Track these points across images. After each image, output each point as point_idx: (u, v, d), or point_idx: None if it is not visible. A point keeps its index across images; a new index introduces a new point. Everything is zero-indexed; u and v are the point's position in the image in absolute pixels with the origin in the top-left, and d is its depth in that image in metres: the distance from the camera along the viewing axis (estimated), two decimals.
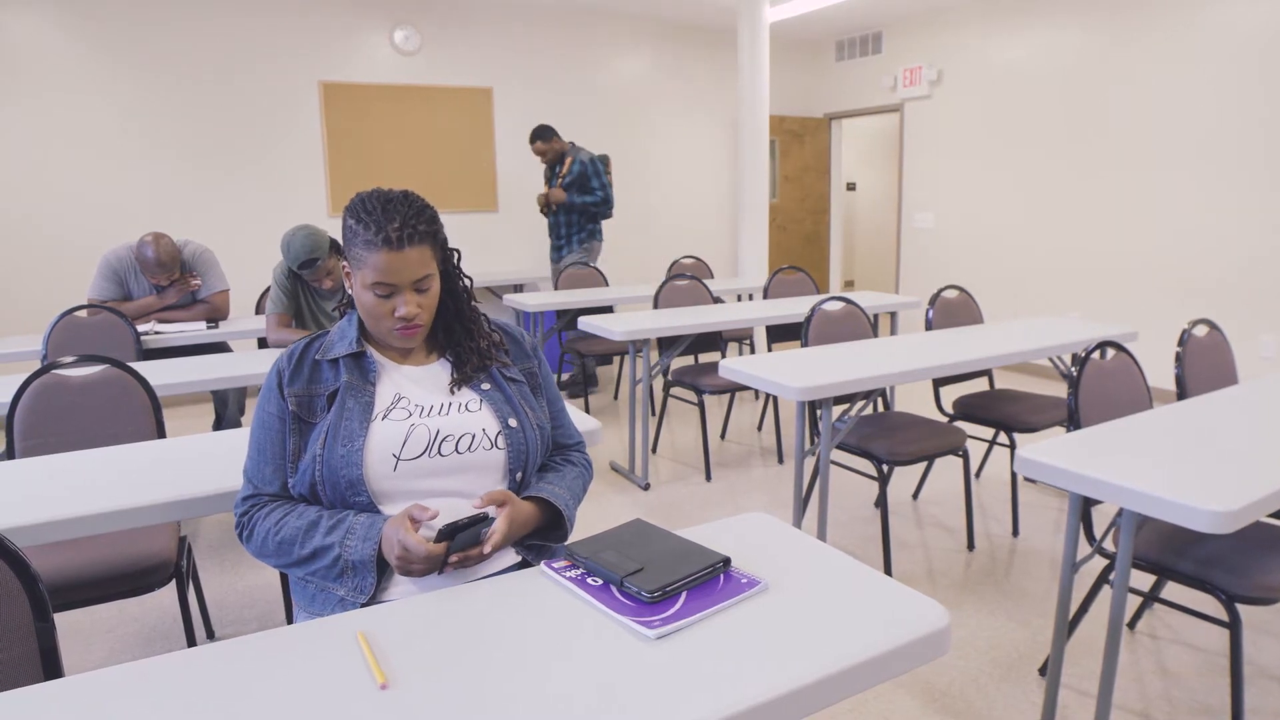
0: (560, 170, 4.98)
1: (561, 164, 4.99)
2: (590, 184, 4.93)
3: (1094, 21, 5.10)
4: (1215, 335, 2.59)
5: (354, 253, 1.30)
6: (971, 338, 3.08)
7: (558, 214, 5.04)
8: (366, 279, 1.29)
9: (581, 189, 4.95)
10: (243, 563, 2.94)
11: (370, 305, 1.31)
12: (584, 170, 4.91)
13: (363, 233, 1.28)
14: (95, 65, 4.72)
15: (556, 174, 5.01)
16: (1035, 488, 3.57)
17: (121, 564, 1.84)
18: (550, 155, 5.06)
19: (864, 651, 0.98)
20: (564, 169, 4.94)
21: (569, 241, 5.11)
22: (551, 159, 5.08)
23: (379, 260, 1.27)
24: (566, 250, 5.12)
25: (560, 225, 5.09)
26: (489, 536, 1.21)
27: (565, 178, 4.92)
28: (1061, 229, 5.46)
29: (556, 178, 5.01)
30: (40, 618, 1.13)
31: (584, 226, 5.08)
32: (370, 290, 1.29)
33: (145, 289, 3.65)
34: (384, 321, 1.32)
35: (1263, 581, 1.72)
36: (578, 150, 4.99)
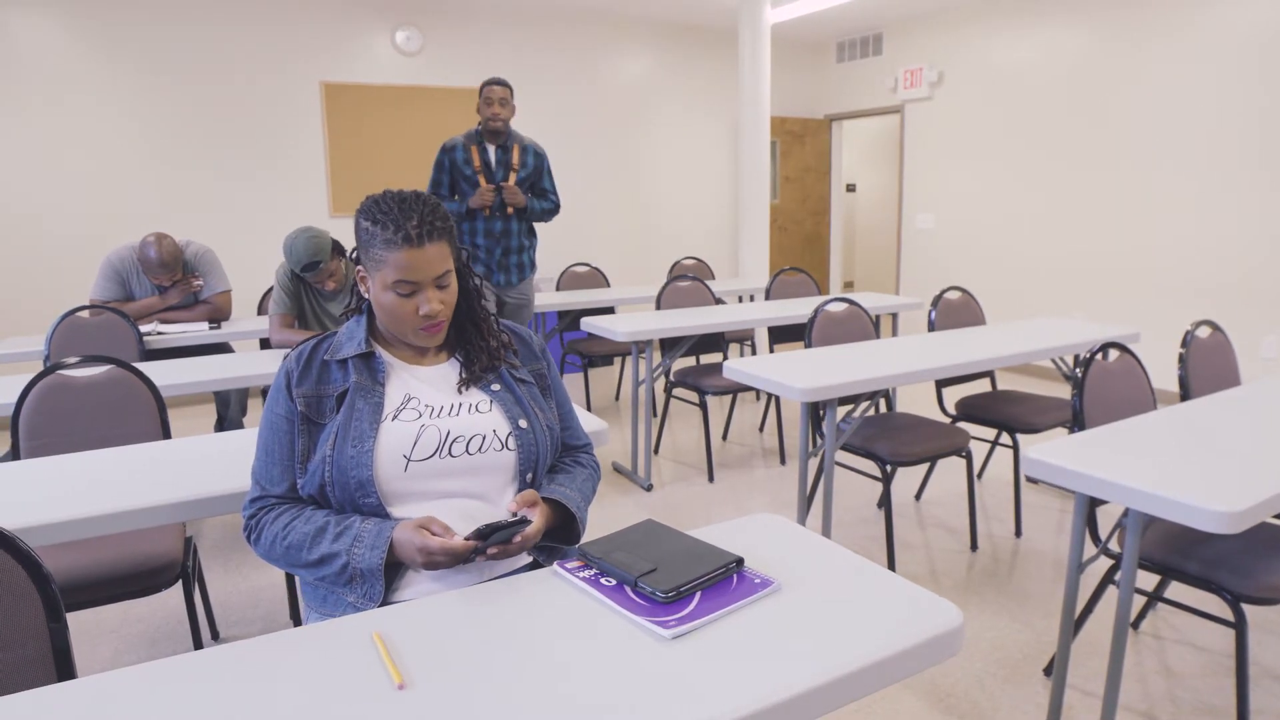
0: (510, 160, 3.72)
1: (506, 149, 3.71)
2: (543, 183, 3.84)
3: (1095, 23, 5.11)
4: (1218, 336, 2.59)
5: (372, 254, 1.30)
6: (974, 339, 3.09)
7: (510, 221, 3.77)
8: (387, 279, 1.29)
9: (533, 189, 3.84)
10: (246, 563, 2.94)
11: (392, 305, 1.31)
12: (540, 165, 3.81)
13: (381, 233, 1.28)
14: (97, 66, 4.72)
15: (500, 162, 3.71)
16: (1037, 488, 3.58)
17: (128, 564, 1.84)
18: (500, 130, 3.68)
19: (879, 651, 0.98)
20: (515, 158, 3.71)
21: (521, 261, 3.86)
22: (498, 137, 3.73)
23: (400, 258, 1.27)
24: (519, 275, 3.87)
25: (513, 235, 3.78)
26: (523, 533, 1.22)
27: (520, 170, 3.73)
28: (1063, 230, 5.47)
29: (501, 167, 3.72)
30: (53, 618, 1.13)
31: (533, 241, 3.93)
32: (392, 290, 1.30)
33: (147, 290, 3.65)
34: (407, 321, 1.32)
35: (1268, 582, 1.73)
36: (521, 136, 3.82)
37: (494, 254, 3.79)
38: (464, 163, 3.65)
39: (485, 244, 3.77)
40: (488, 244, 3.77)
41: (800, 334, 4.22)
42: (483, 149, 3.67)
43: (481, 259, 3.81)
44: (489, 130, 3.65)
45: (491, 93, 3.62)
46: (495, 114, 3.61)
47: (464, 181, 3.68)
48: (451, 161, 3.67)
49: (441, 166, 3.71)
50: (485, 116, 3.62)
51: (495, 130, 3.65)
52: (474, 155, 3.66)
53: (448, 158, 3.67)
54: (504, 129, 3.65)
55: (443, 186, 3.73)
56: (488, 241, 3.77)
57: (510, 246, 3.78)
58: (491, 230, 3.74)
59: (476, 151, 3.66)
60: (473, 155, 3.66)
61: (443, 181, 3.71)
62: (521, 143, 3.74)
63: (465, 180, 3.67)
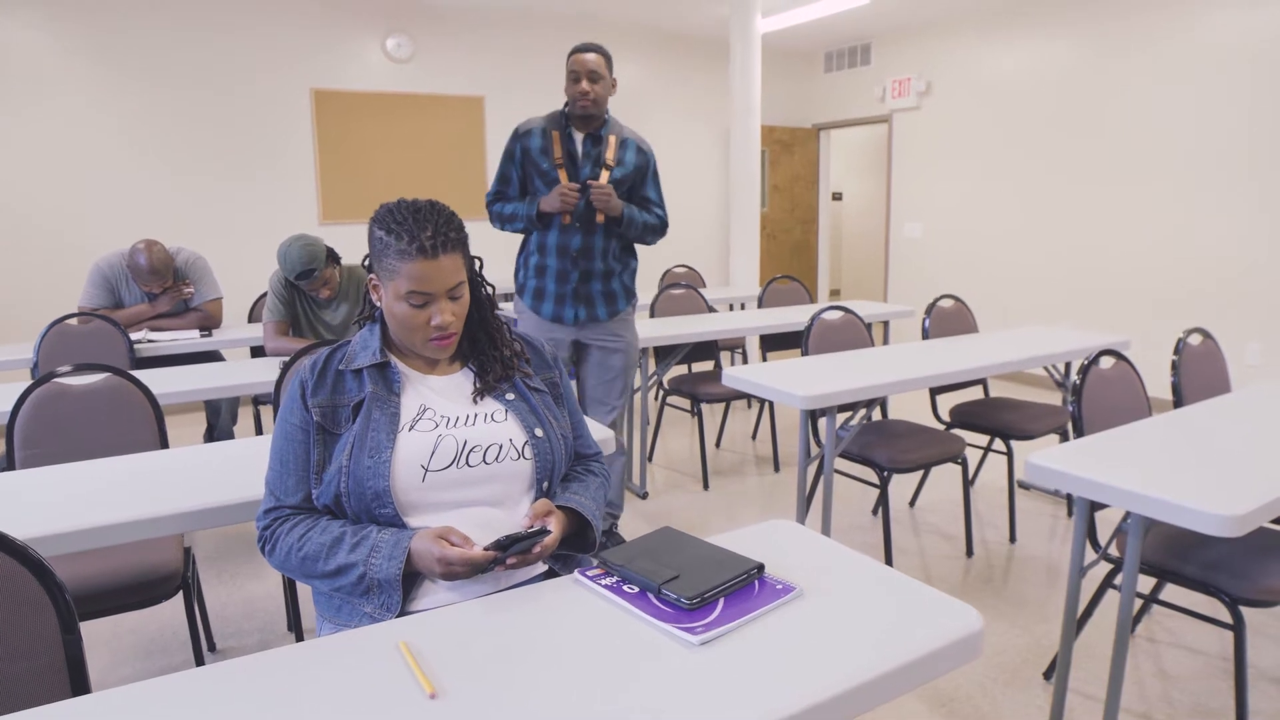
0: (604, 153, 2.76)
1: (599, 139, 2.76)
2: (646, 191, 2.87)
3: (1082, 34, 5.20)
4: (1209, 343, 2.64)
5: (386, 264, 1.29)
6: (969, 347, 3.12)
7: (595, 235, 2.77)
8: (400, 289, 1.29)
9: (632, 194, 2.86)
10: (240, 573, 2.91)
11: (404, 316, 1.30)
12: (645, 166, 2.84)
13: (395, 243, 1.27)
14: (86, 72, 4.68)
15: (587, 155, 2.76)
16: (1030, 494, 3.61)
17: (129, 576, 1.81)
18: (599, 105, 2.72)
19: (904, 656, 0.99)
20: (610, 152, 2.76)
21: (610, 290, 2.87)
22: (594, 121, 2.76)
23: (414, 269, 1.27)
24: (607, 308, 2.87)
25: (596, 254, 2.79)
26: (542, 542, 1.22)
27: (616, 167, 2.77)
28: (1049, 239, 5.54)
29: (590, 161, 2.76)
30: (67, 629, 1.12)
31: (629, 263, 2.94)
32: (404, 300, 1.29)
33: (137, 297, 3.61)
34: (418, 332, 1.32)
35: (1266, 584, 1.75)
36: (622, 125, 2.86)
37: (568, 279, 2.77)
38: (540, 151, 2.72)
39: (556, 265, 2.76)
40: (560, 265, 2.75)
41: (791, 342, 4.25)
42: (568, 135, 2.74)
43: (549, 289, 2.80)
44: (578, 115, 2.72)
45: (579, 63, 2.64)
46: (584, 93, 2.64)
47: (538, 177, 2.75)
48: (524, 150, 2.75)
49: (511, 157, 2.80)
50: (572, 97, 2.68)
51: (586, 116, 2.71)
52: (555, 143, 2.72)
53: (519, 145, 2.76)
54: (598, 113, 2.71)
55: (512, 183, 2.82)
56: (560, 262, 2.75)
57: (593, 269, 2.77)
58: (567, 246, 2.74)
59: (559, 138, 2.72)
60: (553, 143, 2.72)
61: (511, 177, 2.81)
62: (620, 133, 2.80)
63: (540, 175, 2.75)
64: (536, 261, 2.83)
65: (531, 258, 2.85)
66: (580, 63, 2.66)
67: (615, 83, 2.76)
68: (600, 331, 2.88)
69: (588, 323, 2.86)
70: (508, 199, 2.85)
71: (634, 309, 2.99)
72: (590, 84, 2.66)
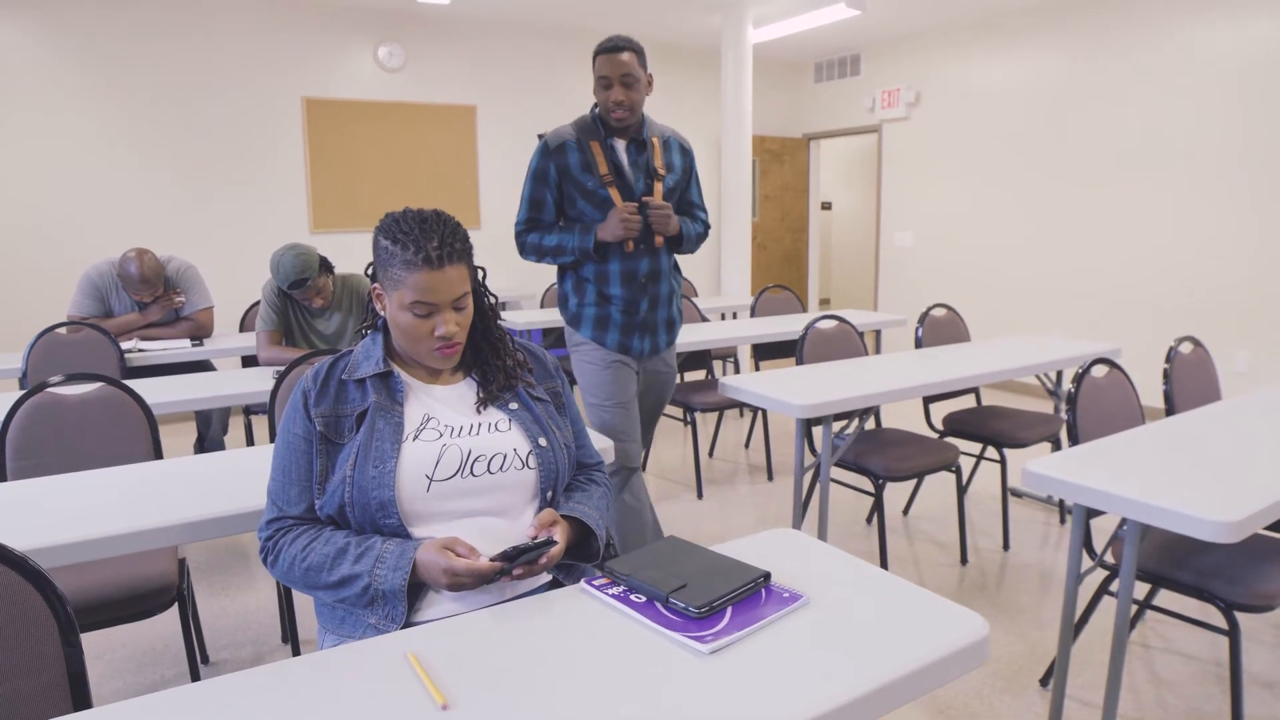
0: (650, 160, 2.40)
1: (642, 144, 2.40)
2: (691, 195, 2.58)
3: (1068, 45, 5.26)
4: (1200, 352, 2.67)
5: (391, 273, 1.29)
6: (962, 355, 3.14)
7: (659, 256, 2.46)
8: (405, 299, 1.29)
9: (680, 201, 2.56)
10: (232, 585, 2.89)
11: (408, 325, 1.30)
12: (690, 167, 2.53)
13: (401, 253, 1.27)
14: (77, 80, 4.65)
15: (635, 165, 2.39)
16: (1021, 502, 3.63)
17: (123, 588, 1.79)
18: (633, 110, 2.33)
19: (912, 662, 0.99)
20: (657, 158, 2.41)
21: (671, 315, 2.56)
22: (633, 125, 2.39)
23: (419, 280, 1.27)
24: (670, 334, 2.58)
25: (663, 277, 2.49)
26: (549, 553, 1.22)
27: (667, 175, 2.44)
28: (1039, 248, 5.59)
29: (640, 172, 2.39)
30: (68, 641, 1.11)
31: (680, 282, 2.65)
32: (409, 310, 1.29)
33: (127, 305, 3.58)
34: (423, 342, 1.32)
35: (1260, 590, 1.77)
36: (655, 123, 2.51)
37: (637, 309, 2.43)
38: (582, 168, 2.32)
39: (624, 295, 2.40)
40: (628, 294, 2.40)
41: (783, 351, 4.26)
42: (608, 145, 2.35)
43: (615, 318, 2.42)
44: (613, 128, 2.36)
45: (610, 65, 2.24)
46: (619, 102, 2.27)
47: (582, 197, 2.34)
48: (561, 169, 2.33)
49: (543, 178, 2.36)
50: (604, 107, 2.31)
51: (625, 124, 2.35)
52: (598, 156, 2.33)
53: (553, 164, 2.33)
54: (632, 119, 2.33)
55: (546, 209, 2.39)
56: (628, 291, 2.40)
57: (660, 295, 2.46)
58: (634, 274, 2.39)
59: (600, 151, 2.33)
60: (595, 156, 2.32)
61: (546, 201, 2.38)
62: (661, 133, 2.44)
63: (585, 195, 2.33)
64: (597, 290, 2.43)
65: (588, 286, 2.44)
66: (611, 65, 2.25)
67: (651, 79, 2.34)
68: (658, 362, 2.59)
69: (652, 354, 2.54)
70: (544, 227, 2.40)
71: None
72: (625, 90, 2.27)
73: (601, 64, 2.27)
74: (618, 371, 2.48)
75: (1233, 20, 4.46)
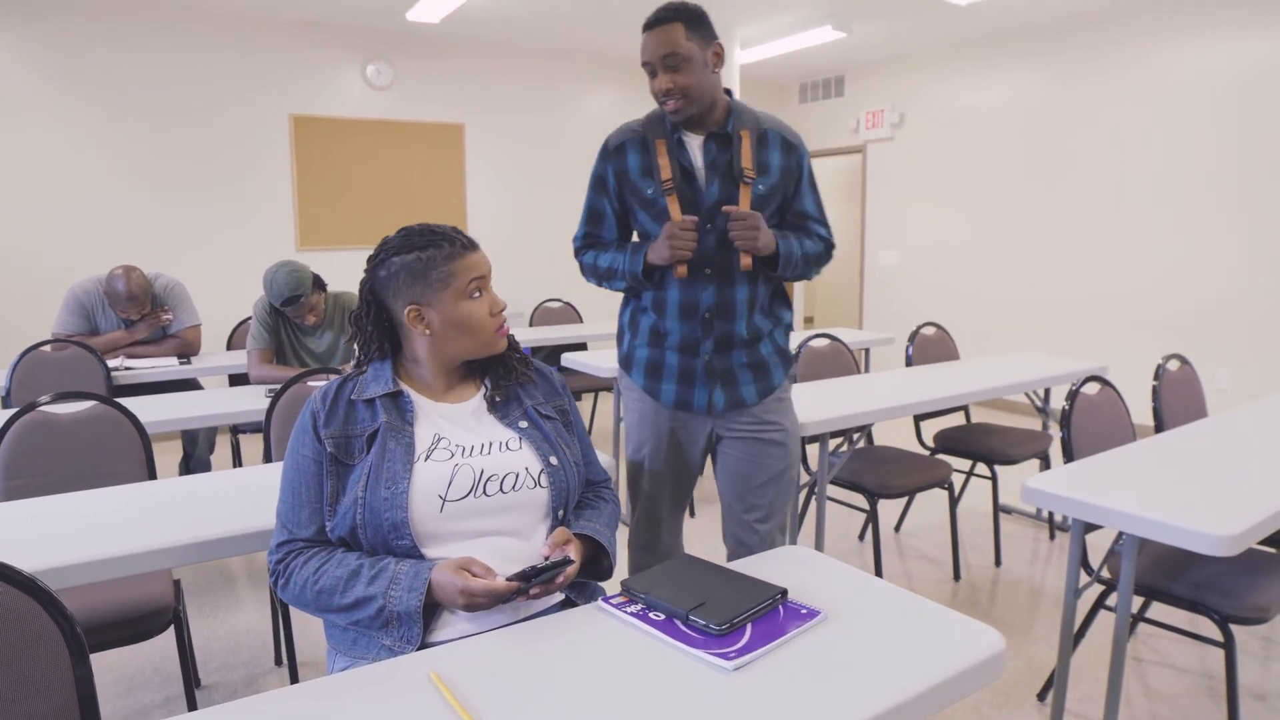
0: (736, 158, 1.83)
1: (725, 139, 1.84)
2: (802, 204, 1.95)
3: (1052, 67, 5.38)
4: (1186, 370, 2.72)
5: (436, 275, 1.33)
6: (953, 373, 3.18)
7: (735, 285, 1.87)
8: (462, 286, 1.34)
9: (783, 211, 1.94)
10: (222, 606, 2.84)
11: (472, 315, 1.35)
12: (798, 168, 1.92)
13: (436, 253, 1.33)
14: (63, 97, 4.61)
15: (712, 166, 1.84)
16: (1011, 518, 3.67)
17: (119, 610, 1.76)
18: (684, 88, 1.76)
19: (931, 678, 1.00)
20: (746, 154, 1.83)
21: (759, 358, 1.93)
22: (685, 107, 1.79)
23: (468, 262, 1.35)
24: (757, 385, 1.93)
25: (738, 311, 1.88)
26: (565, 572, 1.22)
27: (759, 179, 1.84)
28: (1022, 266, 5.68)
29: (717, 175, 1.83)
30: (79, 663, 1.09)
31: (782, 316, 2.01)
32: (468, 297, 1.35)
33: (113, 323, 3.54)
34: (486, 325, 1.37)
35: (1254, 602, 1.80)
36: (756, 111, 1.92)
37: (697, 350, 1.88)
38: (642, 173, 1.85)
39: (682, 331, 1.88)
40: (686, 331, 1.88)
41: None
42: (677, 144, 1.84)
43: (671, 364, 1.90)
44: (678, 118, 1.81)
45: (646, 48, 1.77)
46: (665, 91, 1.76)
47: (642, 210, 1.87)
48: (620, 175, 1.88)
49: (602, 185, 1.93)
50: (656, 99, 1.81)
51: (682, 116, 1.80)
52: (662, 156, 1.83)
53: (611, 168, 1.89)
54: (702, 109, 1.80)
55: (606, 222, 1.95)
56: (686, 327, 1.87)
57: (733, 334, 1.87)
58: (693, 306, 1.85)
59: (665, 150, 1.83)
60: (659, 156, 1.83)
61: (605, 213, 1.94)
62: (756, 125, 1.86)
63: (645, 207, 1.86)
64: (651, 324, 1.92)
65: (643, 317, 1.95)
66: (649, 47, 1.76)
67: (718, 53, 1.79)
68: (747, 420, 1.91)
69: (729, 410, 1.91)
70: (602, 244, 1.95)
71: (793, 382, 2.06)
72: (671, 75, 1.74)
73: (642, 47, 1.79)
74: (674, 435, 1.93)
75: (1210, 44, 4.58)
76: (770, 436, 1.93)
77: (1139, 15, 4.86)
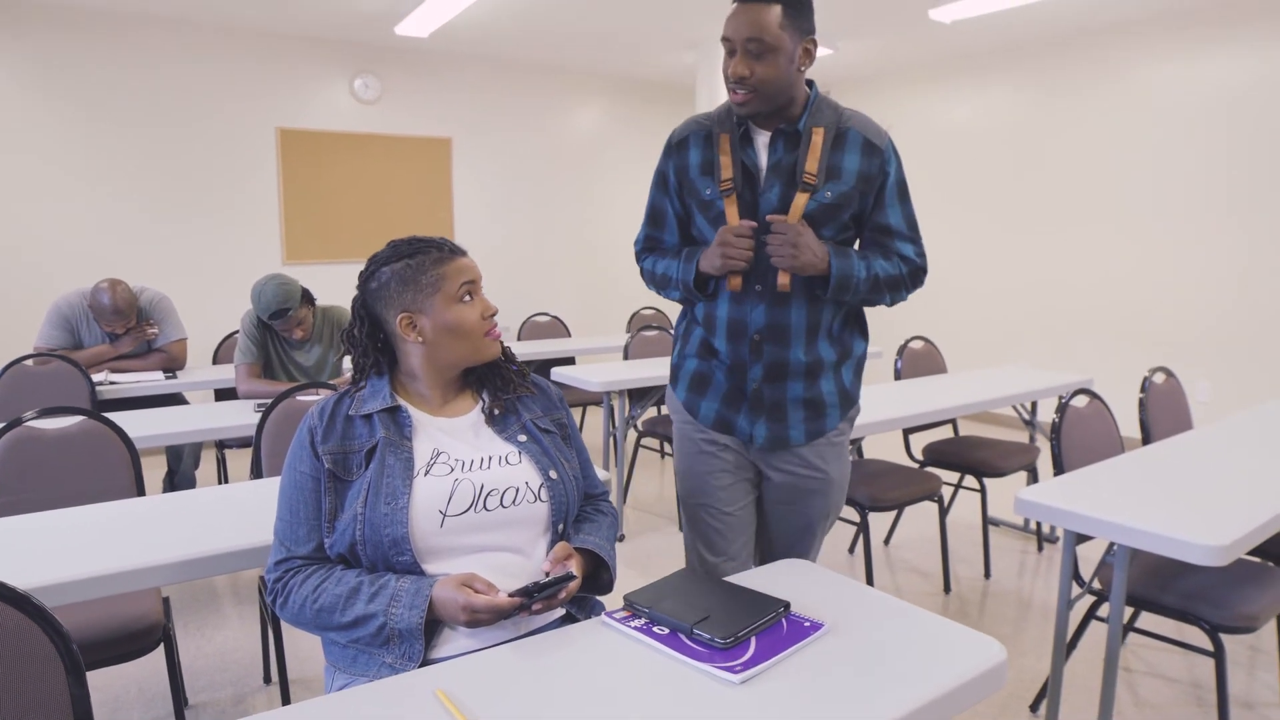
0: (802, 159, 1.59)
1: (794, 136, 1.60)
2: (885, 216, 1.66)
3: (1037, 82, 5.47)
4: (1172, 382, 2.76)
5: (423, 282, 1.33)
6: (942, 387, 3.21)
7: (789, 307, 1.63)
8: (451, 290, 1.35)
9: (859, 230, 1.70)
10: (208, 624, 2.80)
11: (463, 318, 1.35)
12: (881, 172, 1.63)
13: (425, 260, 1.35)
14: (48, 109, 4.58)
15: (776, 168, 1.61)
16: (999, 530, 3.69)
17: (111, 628, 1.74)
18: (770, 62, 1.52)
19: (936, 689, 1.01)
20: (813, 156, 1.58)
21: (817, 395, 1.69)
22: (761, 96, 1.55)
23: (456, 266, 1.36)
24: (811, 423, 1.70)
25: (792, 339, 1.65)
26: (567, 587, 1.21)
27: (826, 185, 1.59)
28: (1006, 280, 5.74)
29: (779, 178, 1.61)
30: (76, 683, 1.07)
31: (853, 348, 1.76)
32: (459, 301, 1.35)
33: (98, 337, 3.51)
34: (477, 330, 1.37)
35: (1243, 611, 1.83)
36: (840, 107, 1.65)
37: (745, 374, 1.67)
38: (701, 171, 1.66)
39: (729, 352, 1.68)
40: (733, 353, 1.68)
41: None
42: (742, 141, 1.63)
43: (718, 381, 1.71)
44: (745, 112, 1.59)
45: (732, 22, 1.52)
46: (739, 78, 1.53)
47: (700, 211, 1.68)
48: (680, 172, 1.70)
49: (664, 183, 1.74)
50: (725, 81, 1.58)
51: (749, 111, 1.58)
52: (724, 154, 1.63)
53: (672, 164, 1.71)
54: (775, 106, 1.57)
55: (667, 224, 1.76)
56: (733, 348, 1.67)
57: (786, 362, 1.65)
58: (740, 327, 1.66)
59: (729, 145, 1.63)
60: (721, 154, 1.63)
61: (666, 214, 1.75)
62: (840, 122, 1.62)
63: (702, 208, 1.67)
64: (702, 336, 1.74)
65: (695, 330, 1.76)
66: (734, 22, 1.52)
67: (809, 50, 1.55)
68: (790, 460, 1.71)
69: (772, 449, 1.71)
70: (663, 248, 1.77)
71: (851, 424, 1.77)
72: (751, 62, 1.52)
73: (727, 19, 1.53)
74: (711, 459, 1.73)
75: (1192, 63, 4.68)
76: (810, 485, 1.73)
77: (1123, 33, 4.96)
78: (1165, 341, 4.90)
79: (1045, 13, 4.77)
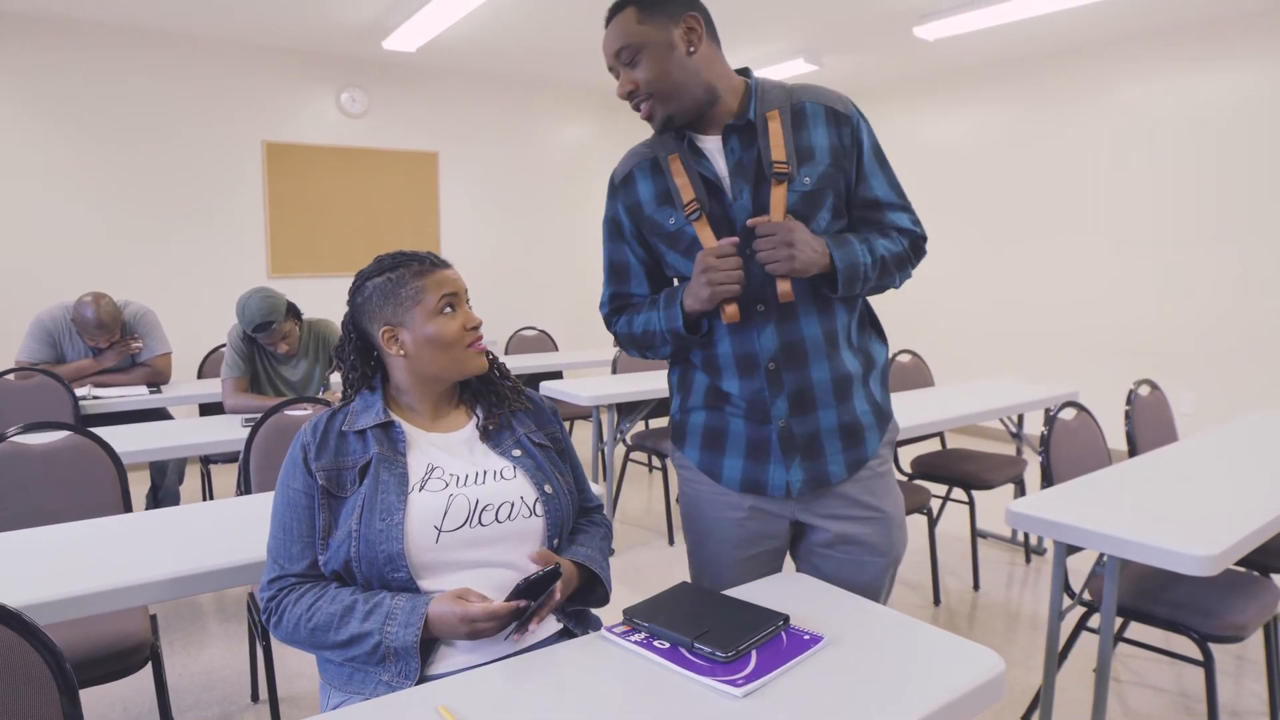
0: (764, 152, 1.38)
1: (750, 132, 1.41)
2: (869, 190, 1.46)
3: (1021, 99, 5.55)
4: (1157, 394, 2.80)
5: (404, 295, 1.34)
6: (930, 400, 3.23)
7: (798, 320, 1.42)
8: (431, 303, 1.34)
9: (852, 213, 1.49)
10: (193, 641, 2.76)
11: (443, 331, 1.34)
12: (852, 143, 1.43)
13: (405, 273, 1.35)
14: (31, 122, 4.54)
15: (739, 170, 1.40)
16: (986, 542, 3.71)
17: (99, 647, 1.71)
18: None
19: (935, 701, 1.01)
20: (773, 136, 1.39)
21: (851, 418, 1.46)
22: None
23: (436, 279, 1.36)
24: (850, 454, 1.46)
25: (809, 357, 1.42)
26: (558, 585, 1.22)
27: (801, 169, 1.39)
28: (991, 293, 5.80)
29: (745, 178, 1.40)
30: (70, 703, 1.05)
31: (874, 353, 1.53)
32: (439, 314, 1.34)
33: (80, 351, 3.47)
34: (458, 342, 1.36)
35: (1231, 621, 1.85)
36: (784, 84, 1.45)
37: (767, 412, 1.45)
38: (658, 202, 1.47)
39: (745, 393, 1.45)
40: (750, 392, 1.45)
41: None
42: (690, 151, 1.44)
43: (737, 431, 1.48)
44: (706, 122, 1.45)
45: (604, 48, 1.43)
46: (628, 93, 1.42)
47: (670, 247, 1.48)
48: (633, 211, 1.51)
49: (617, 232, 1.56)
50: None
51: (661, 118, 1.43)
52: (678, 175, 1.44)
53: (622, 204, 1.53)
54: (688, 107, 1.41)
55: (632, 276, 1.56)
56: (748, 386, 1.45)
57: (809, 385, 1.44)
58: (751, 358, 1.44)
59: (680, 165, 1.45)
60: (675, 175, 1.45)
61: (629, 265, 1.55)
62: (787, 99, 1.43)
63: (671, 242, 1.47)
64: (705, 385, 1.51)
65: (694, 375, 1.53)
66: (605, 47, 1.43)
67: (693, 28, 1.39)
68: (835, 505, 1.47)
69: (813, 493, 1.47)
70: (633, 305, 1.56)
71: (892, 448, 1.55)
72: (628, 72, 1.41)
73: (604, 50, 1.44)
74: (736, 527, 1.50)
75: (1175, 79, 4.77)
76: (864, 530, 1.46)
77: (1107, 49, 5.05)
78: (1149, 353, 4.96)
79: (1028, 31, 4.85)
